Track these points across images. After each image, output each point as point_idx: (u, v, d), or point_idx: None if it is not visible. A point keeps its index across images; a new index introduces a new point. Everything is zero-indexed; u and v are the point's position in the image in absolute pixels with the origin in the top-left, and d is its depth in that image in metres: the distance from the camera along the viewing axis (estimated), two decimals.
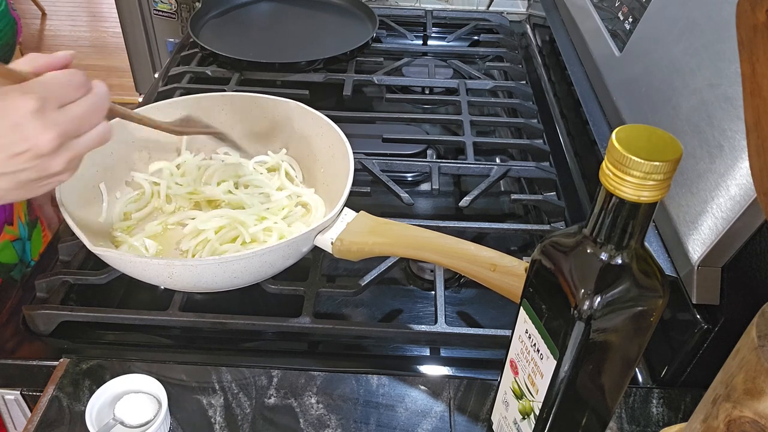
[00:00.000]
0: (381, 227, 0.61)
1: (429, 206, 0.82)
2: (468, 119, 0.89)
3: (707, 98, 0.54)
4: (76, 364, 0.58)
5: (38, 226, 0.91)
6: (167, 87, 0.93)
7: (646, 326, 0.39)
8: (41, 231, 0.92)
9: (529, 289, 0.42)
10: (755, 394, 0.32)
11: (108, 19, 3.34)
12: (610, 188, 0.34)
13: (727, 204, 0.49)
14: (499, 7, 1.30)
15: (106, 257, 0.58)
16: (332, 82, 0.98)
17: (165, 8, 1.99)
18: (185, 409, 0.55)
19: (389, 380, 0.58)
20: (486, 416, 0.56)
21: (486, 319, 0.66)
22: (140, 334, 0.63)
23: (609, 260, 0.37)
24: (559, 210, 0.74)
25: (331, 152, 0.72)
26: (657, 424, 0.55)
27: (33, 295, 0.63)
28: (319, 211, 0.71)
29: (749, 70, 0.31)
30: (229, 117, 0.79)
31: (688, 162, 0.54)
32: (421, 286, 0.70)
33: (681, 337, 0.56)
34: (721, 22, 0.56)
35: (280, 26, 1.12)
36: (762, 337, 0.32)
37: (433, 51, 1.12)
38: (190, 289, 0.61)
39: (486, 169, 0.78)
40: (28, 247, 0.87)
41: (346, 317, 0.66)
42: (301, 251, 0.62)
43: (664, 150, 0.32)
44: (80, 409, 0.54)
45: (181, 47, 1.08)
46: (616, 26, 0.76)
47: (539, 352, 0.42)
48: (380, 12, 1.17)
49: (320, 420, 0.55)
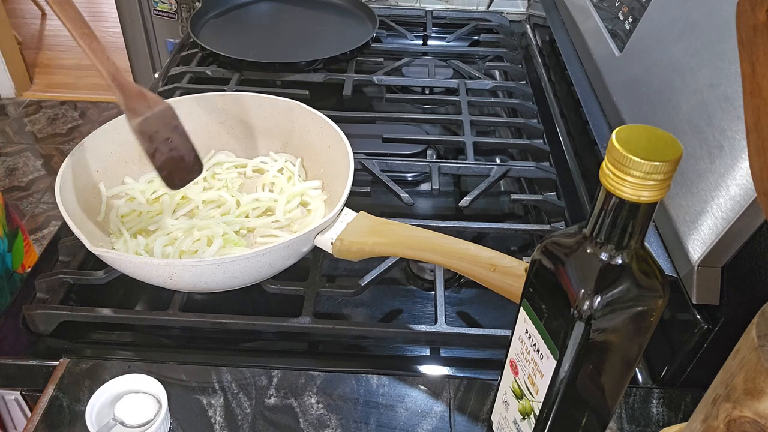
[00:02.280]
0: (381, 227, 0.61)
1: (429, 206, 0.82)
2: (468, 119, 0.89)
3: (707, 98, 0.54)
4: (76, 364, 0.58)
5: (19, 236, 0.91)
6: (167, 87, 0.93)
7: (646, 326, 0.39)
8: (23, 240, 0.91)
9: (529, 289, 0.42)
10: (755, 394, 0.32)
11: (108, 19, 3.34)
12: (610, 188, 0.34)
13: (727, 204, 0.49)
14: (499, 7, 1.30)
15: (106, 257, 0.58)
16: (332, 82, 0.98)
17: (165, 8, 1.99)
18: (185, 409, 0.55)
19: (389, 380, 0.58)
20: (486, 416, 0.56)
21: (486, 319, 0.66)
22: (140, 334, 0.63)
23: (609, 260, 0.37)
24: (559, 210, 0.74)
25: (331, 152, 0.72)
26: (657, 424, 0.55)
27: (33, 295, 0.63)
28: (318, 212, 0.71)
29: (749, 70, 0.31)
30: (229, 117, 0.79)
31: (688, 162, 0.54)
32: (421, 286, 0.70)
33: (681, 337, 0.56)
34: (721, 22, 0.56)
35: (280, 26, 1.12)
36: (762, 337, 0.32)
37: (433, 51, 1.12)
38: (190, 289, 0.61)
39: (486, 169, 0.78)
40: (9, 259, 0.87)
41: (346, 317, 0.66)
42: (301, 251, 0.62)
43: (664, 150, 0.32)
44: (80, 409, 0.54)
45: (181, 47, 1.08)
46: (616, 26, 0.76)
47: (539, 352, 0.42)
48: (380, 12, 1.17)
49: (320, 420, 0.55)
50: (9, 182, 2.32)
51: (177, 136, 0.66)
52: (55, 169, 2.40)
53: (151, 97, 0.65)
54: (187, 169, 0.68)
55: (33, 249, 0.95)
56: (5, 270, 0.85)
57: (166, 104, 0.65)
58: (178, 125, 0.67)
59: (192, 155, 0.68)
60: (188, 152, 0.68)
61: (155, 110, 0.64)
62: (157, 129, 0.65)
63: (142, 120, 0.63)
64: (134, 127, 0.63)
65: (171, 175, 0.67)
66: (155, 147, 0.65)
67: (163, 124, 0.65)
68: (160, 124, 0.65)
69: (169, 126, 0.66)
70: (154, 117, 0.64)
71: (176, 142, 0.66)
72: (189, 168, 0.68)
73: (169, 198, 0.72)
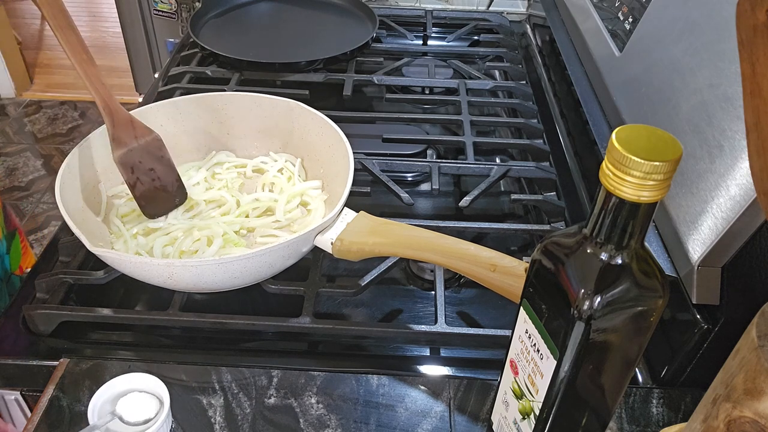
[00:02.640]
0: (381, 227, 0.61)
1: (429, 206, 0.82)
2: (468, 119, 0.89)
3: (707, 98, 0.54)
4: (76, 364, 0.58)
5: (17, 237, 0.91)
6: (167, 87, 0.93)
7: (646, 326, 0.39)
8: (20, 242, 0.92)
9: (529, 289, 0.42)
10: (755, 394, 0.32)
11: (108, 19, 3.34)
12: (610, 188, 0.34)
13: (727, 204, 0.49)
14: (499, 7, 1.30)
15: (106, 257, 0.58)
16: (332, 82, 0.98)
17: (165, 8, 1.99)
18: (185, 409, 0.55)
19: (389, 380, 0.58)
20: (486, 416, 0.56)
21: (486, 319, 0.66)
22: (140, 334, 0.63)
23: (609, 260, 0.37)
24: (559, 210, 0.74)
25: (331, 152, 0.72)
26: (657, 424, 0.55)
27: (33, 295, 0.63)
28: (318, 212, 0.71)
29: (749, 70, 0.31)
30: (229, 117, 0.79)
31: (688, 162, 0.54)
32: (421, 286, 0.70)
33: (681, 337, 0.56)
34: (721, 22, 0.56)
35: (280, 26, 1.12)
36: (762, 337, 0.32)
37: (433, 51, 1.12)
38: (190, 289, 0.61)
39: (486, 169, 0.78)
40: (7, 261, 0.87)
41: (346, 317, 0.66)
42: (301, 251, 0.62)
43: (664, 150, 0.32)
44: (80, 409, 0.54)
45: (181, 47, 1.08)
46: (616, 26, 0.76)
47: (539, 352, 0.42)
48: (380, 12, 1.17)
49: (320, 420, 0.55)
50: (9, 182, 2.32)
51: (161, 167, 0.68)
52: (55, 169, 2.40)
53: (139, 127, 0.66)
54: (168, 198, 0.69)
55: (30, 251, 0.95)
56: (4, 272, 0.86)
57: (154, 135, 0.67)
58: (164, 155, 0.68)
59: (175, 185, 0.70)
60: (171, 183, 0.69)
61: (140, 142, 0.66)
62: (141, 160, 0.66)
63: (125, 152, 0.65)
64: (116, 159, 0.65)
65: (150, 204, 0.68)
66: (136, 177, 0.66)
67: (147, 155, 0.67)
68: (145, 155, 0.67)
69: (155, 156, 0.67)
70: (139, 148, 0.66)
71: (160, 172, 0.68)
72: (170, 198, 0.70)
73: None
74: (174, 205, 0.70)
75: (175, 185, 0.70)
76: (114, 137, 0.65)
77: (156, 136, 0.67)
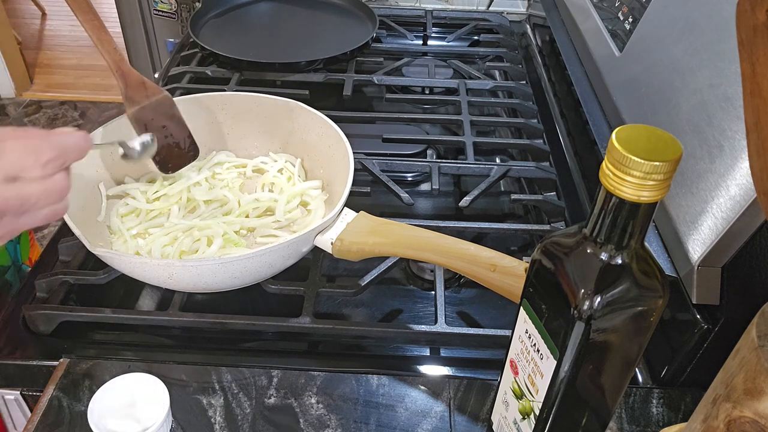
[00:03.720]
0: (381, 227, 0.61)
1: (429, 206, 0.82)
2: (468, 119, 0.89)
3: (707, 98, 0.54)
4: (76, 364, 0.58)
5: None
6: (167, 87, 0.93)
7: (646, 326, 0.39)
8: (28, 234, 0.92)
9: (529, 289, 0.42)
10: (755, 394, 0.32)
11: (108, 19, 3.31)
12: (610, 188, 0.34)
13: (727, 204, 0.49)
14: (499, 7, 1.30)
15: (106, 257, 0.58)
16: (332, 82, 0.98)
17: (165, 8, 1.99)
18: (185, 409, 0.55)
19: (389, 380, 0.58)
20: (486, 416, 0.56)
21: (486, 319, 0.66)
22: (140, 334, 0.63)
23: (609, 260, 0.37)
24: (559, 210, 0.74)
25: (331, 152, 0.72)
26: (657, 424, 0.55)
27: (33, 295, 0.63)
28: (318, 212, 0.71)
29: (749, 70, 0.31)
30: (229, 117, 0.79)
31: (688, 162, 0.54)
32: (421, 286, 0.70)
33: (681, 337, 0.56)
34: (721, 22, 0.56)
35: (280, 26, 1.12)
36: (762, 337, 0.32)
37: (433, 51, 1.12)
38: (190, 289, 0.61)
39: (486, 169, 0.78)
40: (19, 248, 0.87)
41: (346, 317, 0.66)
42: (301, 251, 0.62)
43: (664, 150, 0.32)
44: (80, 409, 0.54)
45: (181, 47, 1.08)
46: (616, 26, 0.76)
47: (539, 352, 0.42)
48: (380, 12, 1.17)
49: (320, 420, 0.55)
50: None
51: (173, 124, 0.71)
52: None
53: (151, 87, 0.69)
54: (181, 154, 0.72)
55: (36, 244, 0.96)
56: (15, 259, 0.86)
57: (164, 94, 0.69)
58: (176, 114, 0.71)
59: (188, 141, 0.72)
60: (184, 139, 0.72)
61: (152, 100, 0.68)
62: (153, 117, 0.69)
63: (137, 109, 0.67)
64: (129, 116, 0.67)
65: (164, 160, 0.71)
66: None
67: (159, 112, 0.69)
68: (157, 112, 0.69)
69: (167, 114, 0.70)
70: (151, 106, 0.68)
71: (172, 129, 0.70)
72: (183, 153, 0.72)
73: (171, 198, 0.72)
74: (189, 160, 0.73)
75: (188, 141, 0.72)
76: (127, 97, 0.67)
77: (167, 95, 0.70)
